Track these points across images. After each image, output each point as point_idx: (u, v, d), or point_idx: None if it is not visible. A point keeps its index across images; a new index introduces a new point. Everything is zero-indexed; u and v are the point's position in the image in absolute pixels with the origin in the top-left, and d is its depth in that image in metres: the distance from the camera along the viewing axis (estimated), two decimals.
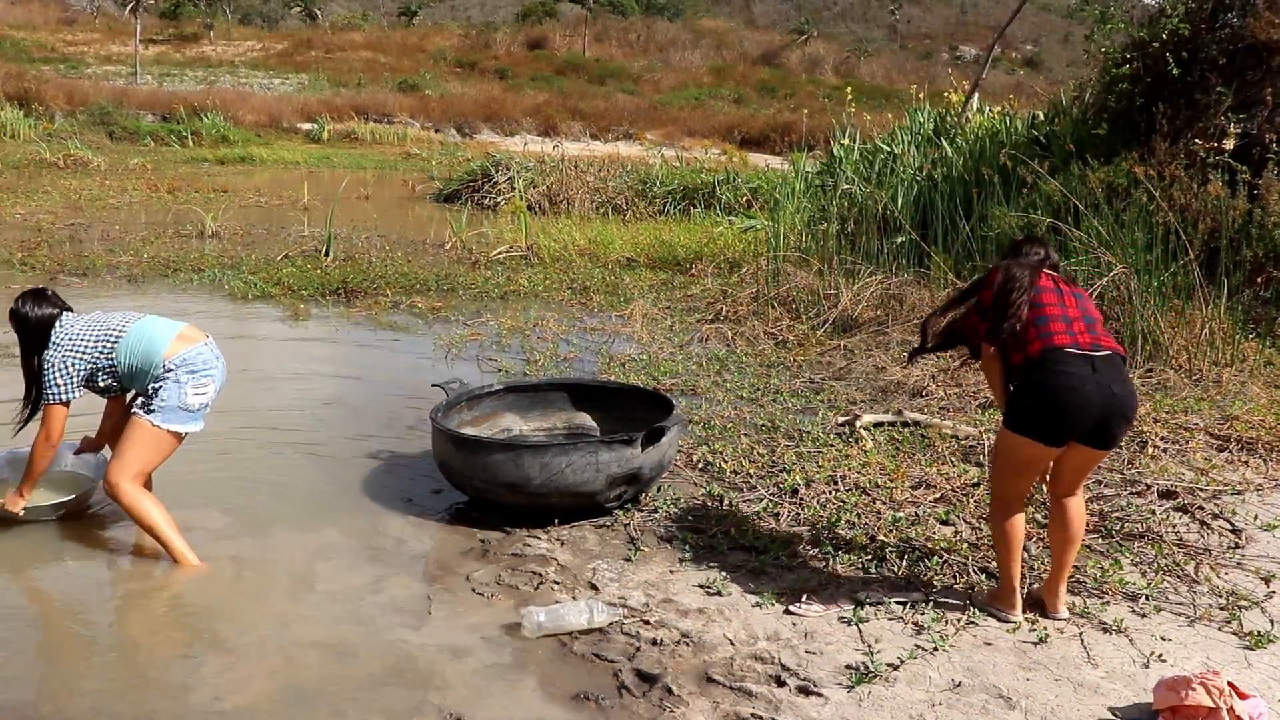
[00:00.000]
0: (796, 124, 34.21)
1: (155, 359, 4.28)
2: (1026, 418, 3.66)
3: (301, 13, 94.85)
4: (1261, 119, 9.17)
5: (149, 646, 3.78)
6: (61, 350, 4.23)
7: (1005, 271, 3.84)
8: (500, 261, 12.51)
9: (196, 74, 55.04)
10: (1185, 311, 7.69)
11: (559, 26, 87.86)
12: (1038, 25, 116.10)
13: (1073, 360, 3.59)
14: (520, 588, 4.16)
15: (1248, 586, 4.20)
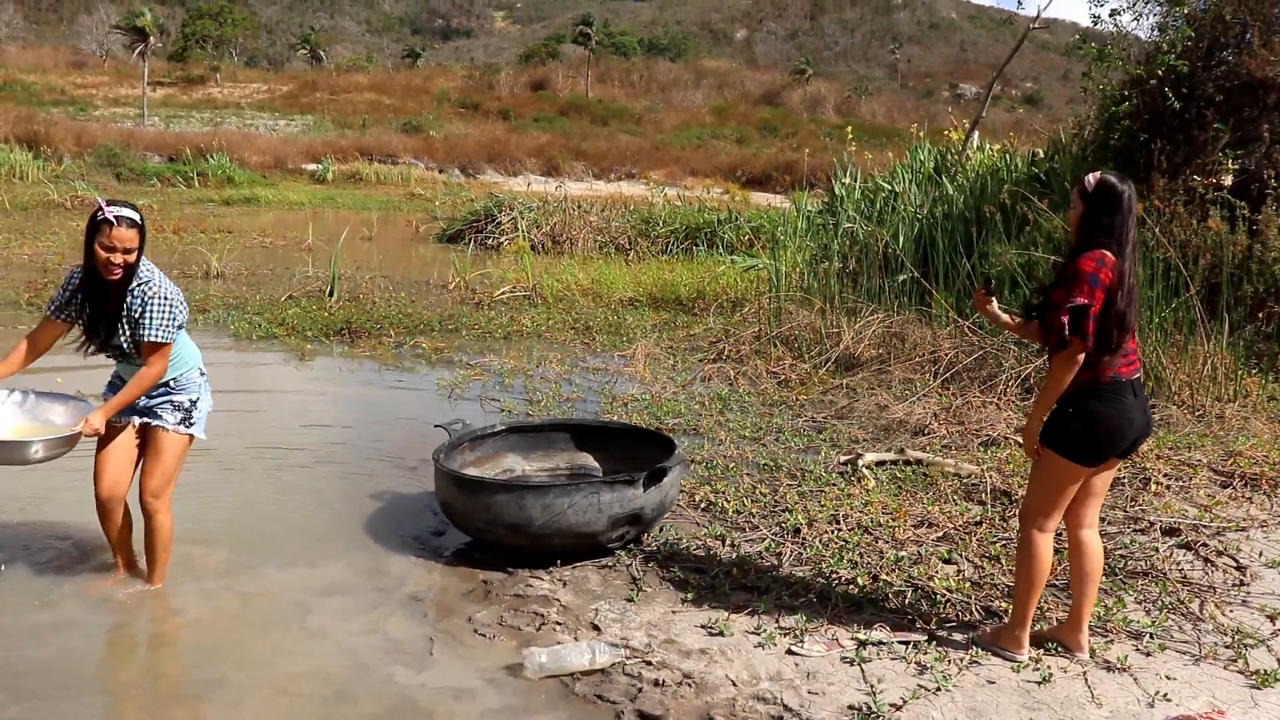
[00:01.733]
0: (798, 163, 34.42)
1: (196, 355, 4.47)
2: (1086, 445, 3.59)
3: (307, 55, 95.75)
4: (1259, 155, 9.23)
5: (148, 684, 3.76)
6: (172, 294, 4.18)
7: (1123, 275, 3.51)
8: (503, 302, 12.56)
9: (203, 116, 55.61)
10: (1187, 347, 7.70)
11: (561, 68, 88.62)
12: (1037, 63, 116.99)
13: (1127, 390, 3.60)
14: (522, 629, 4.15)
15: (1253, 624, 4.18)
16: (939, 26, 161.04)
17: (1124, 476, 5.90)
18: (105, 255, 3.94)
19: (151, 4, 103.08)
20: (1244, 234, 8.75)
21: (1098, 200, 3.57)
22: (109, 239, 3.94)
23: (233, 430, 7.00)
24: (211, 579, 4.55)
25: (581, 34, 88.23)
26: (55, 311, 4.13)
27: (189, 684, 3.75)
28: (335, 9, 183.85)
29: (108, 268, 3.97)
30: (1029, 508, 3.77)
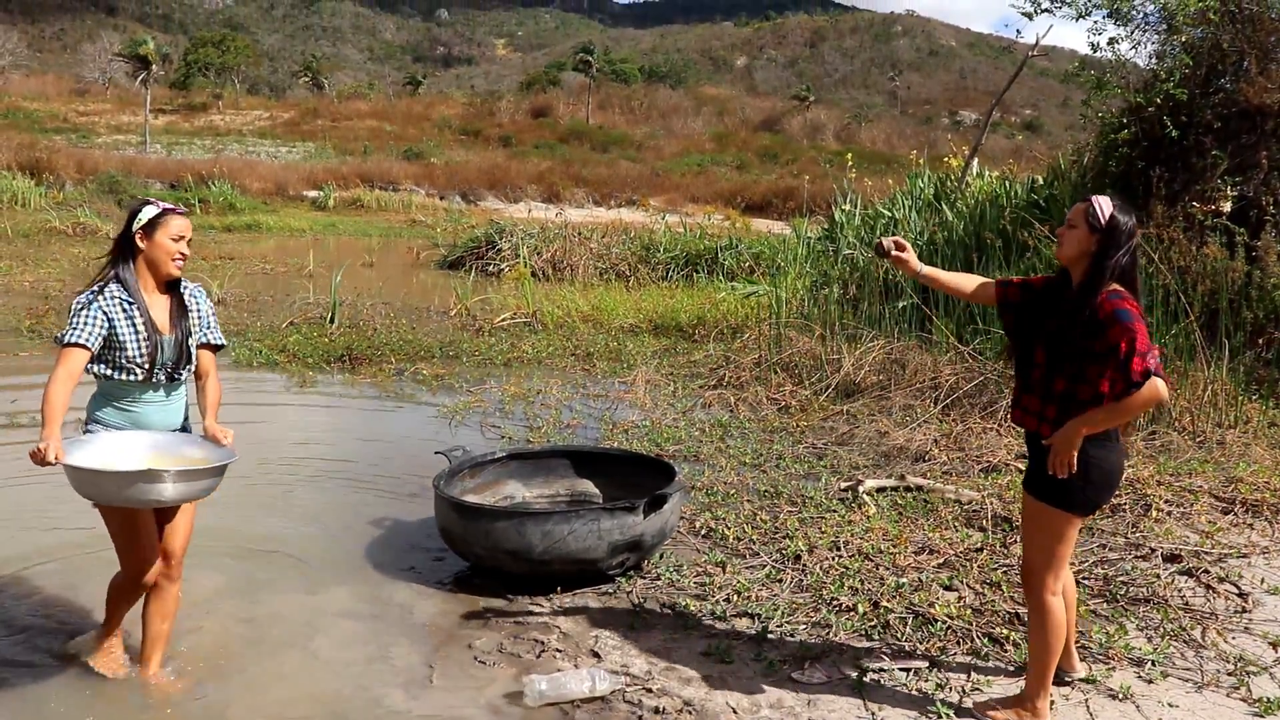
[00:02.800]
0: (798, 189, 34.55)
1: None
2: (1088, 494, 3.43)
3: (308, 82, 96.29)
4: (1257, 182, 9.27)
5: (149, 708, 3.75)
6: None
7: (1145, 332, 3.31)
8: (504, 328, 12.58)
9: (204, 143, 55.87)
10: (1187, 373, 7.70)
11: (562, 95, 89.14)
12: (1036, 90, 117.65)
13: (1115, 433, 3.47)
14: (522, 656, 4.14)
15: (1256, 651, 4.17)
16: (938, 54, 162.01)
17: (1125, 503, 5.89)
18: (174, 247, 3.62)
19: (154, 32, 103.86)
20: (1243, 260, 8.77)
21: (1110, 237, 3.39)
22: (175, 228, 3.64)
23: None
24: (210, 604, 4.55)
25: (582, 61, 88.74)
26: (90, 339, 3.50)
27: (188, 708, 3.72)
28: (337, 37, 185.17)
29: (176, 261, 3.65)
30: (1035, 571, 3.54)
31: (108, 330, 3.52)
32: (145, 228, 3.63)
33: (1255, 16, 9.70)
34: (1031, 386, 3.55)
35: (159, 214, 3.63)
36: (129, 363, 3.56)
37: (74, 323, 3.50)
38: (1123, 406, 3.26)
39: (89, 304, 3.54)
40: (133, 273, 3.64)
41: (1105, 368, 3.27)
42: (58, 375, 3.43)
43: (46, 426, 3.29)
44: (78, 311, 3.52)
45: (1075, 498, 3.42)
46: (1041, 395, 3.50)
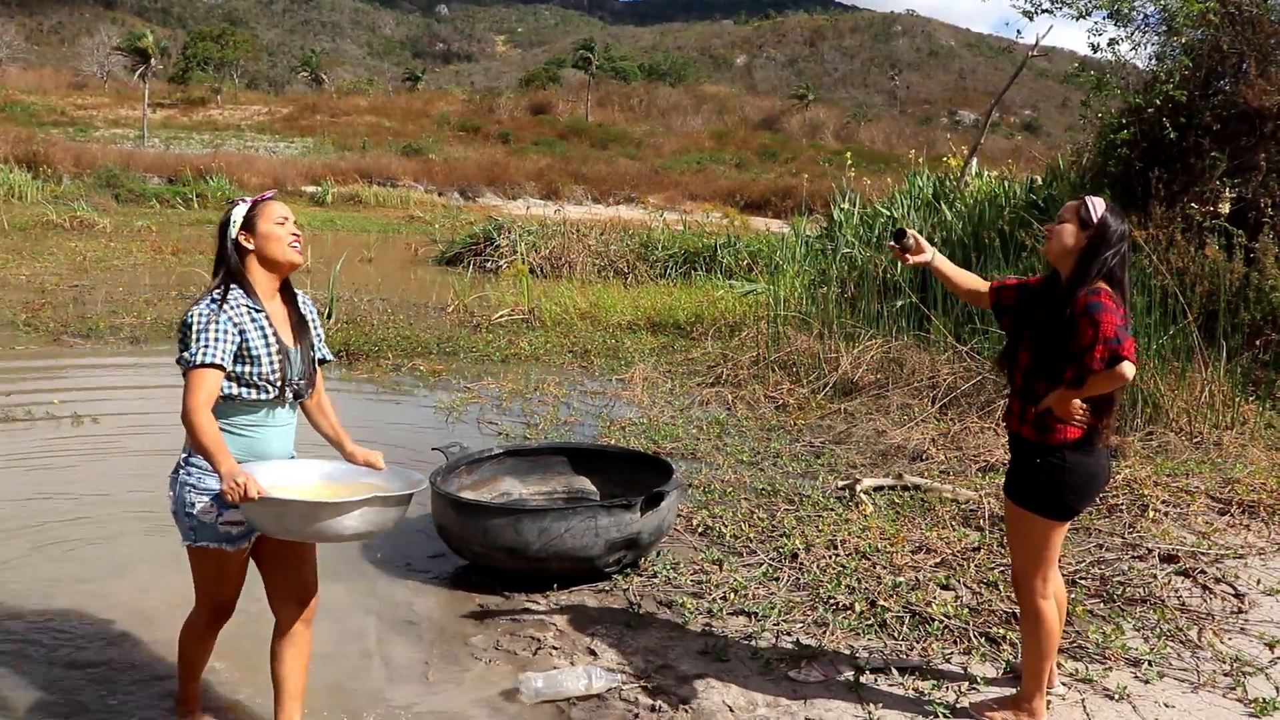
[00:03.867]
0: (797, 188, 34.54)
1: None
2: (1071, 501, 3.42)
3: (308, 77, 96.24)
4: (1255, 183, 9.26)
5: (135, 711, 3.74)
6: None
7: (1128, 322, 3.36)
8: (502, 325, 12.57)
9: (203, 137, 55.81)
10: (1185, 374, 7.70)
11: (561, 92, 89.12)
12: (1035, 91, 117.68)
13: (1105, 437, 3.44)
14: (519, 653, 4.14)
15: (1252, 652, 4.17)
16: (938, 54, 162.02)
17: (1122, 503, 5.89)
18: (284, 230, 3.22)
19: (153, 26, 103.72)
20: (1241, 262, 8.77)
21: (1101, 235, 3.38)
22: (275, 212, 3.25)
23: None
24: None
25: (582, 58, 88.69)
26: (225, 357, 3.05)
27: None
28: (336, 32, 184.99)
29: (293, 245, 3.26)
30: (1024, 575, 3.53)
31: (238, 343, 3.09)
32: (245, 225, 3.23)
33: (1255, 19, 9.70)
34: (1015, 388, 3.55)
35: (252, 206, 3.27)
36: (261, 379, 3.14)
37: (202, 339, 3.02)
38: (1086, 385, 3.28)
39: (215, 316, 3.07)
40: (247, 278, 3.23)
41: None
42: (198, 404, 2.97)
43: (222, 460, 2.90)
44: (204, 326, 3.04)
45: (1053, 503, 3.41)
46: (1022, 397, 3.49)
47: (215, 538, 3.14)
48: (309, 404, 3.45)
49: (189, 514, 3.14)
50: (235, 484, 2.85)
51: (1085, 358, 3.24)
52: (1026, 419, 3.46)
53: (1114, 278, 3.38)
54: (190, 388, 2.99)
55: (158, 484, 6.11)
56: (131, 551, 5.12)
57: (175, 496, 3.19)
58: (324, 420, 3.51)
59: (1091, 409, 3.36)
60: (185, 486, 3.14)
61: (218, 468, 2.91)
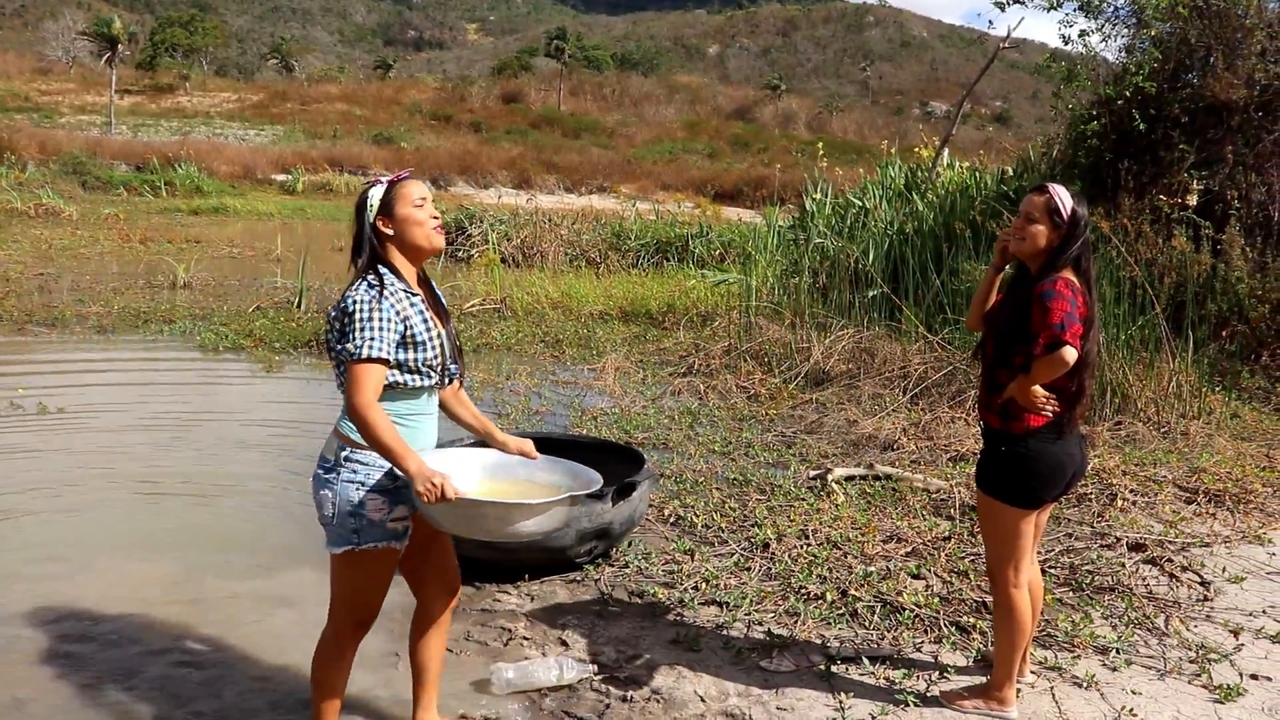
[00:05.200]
0: (769, 178, 34.58)
1: None
2: (1037, 489, 3.43)
3: (278, 65, 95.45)
4: (1222, 176, 9.36)
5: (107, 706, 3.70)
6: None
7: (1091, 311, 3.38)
8: (473, 314, 12.52)
9: (171, 124, 55.26)
10: (1153, 364, 7.77)
11: (534, 80, 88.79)
12: (1006, 82, 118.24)
13: (1064, 426, 3.44)
14: (489, 644, 4.12)
15: (1217, 639, 4.21)
16: (910, 45, 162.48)
17: (1091, 493, 5.94)
18: (424, 214, 3.00)
19: (120, 10, 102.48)
20: (1208, 253, 8.86)
21: (1072, 230, 3.39)
22: (413, 193, 3.02)
23: (198, 443, 6.94)
24: (171, 589, 4.50)
25: (555, 47, 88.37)
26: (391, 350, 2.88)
27: (147, 680, 3.68)
28: (307, 19, 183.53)
29: (436, 230, 3.05)
30: (997, 564, 3.54)
31: (402, 331, 2.90)
32: (382, 210, 3.00)
33: (1222, 12, 9.79)
34: (984, 378, 3.57)
35: (387, 189, 3.02)
36: (424, 366, 2.95)
37: (367, 331, 2.82)
38: (1033, 370, 3.31)
39: (377, 304, 2.86)
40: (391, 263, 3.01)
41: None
42: (368, 400, 2.79)
43: (408, 459, 2.75)
44: (368, 316, 2.84)
45: (1020, 491, 3.43)
46: (988, 386, 3.51)
47: (384, 536, 2.95)
48: (447, 393, 3.25)
49: (356, 514, 2.91)
50: (432, 485, 2.70)
51: (1032, 343, 3.30)
52: (993, 408, 3.47)
53: (1079, 266, 3.41)
54: (357, 382, 2.80)
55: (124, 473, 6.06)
56: (97, 541, 5.08)
57: (334, 498, 2.93)
58: (464, 410, 3.32)
59: (1060, 398, 3.37)
60: (350, 486, 2.92)
61: (405, 467, 2.75)
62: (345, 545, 2.94)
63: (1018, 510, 3.46)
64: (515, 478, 3.21)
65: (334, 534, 2.96)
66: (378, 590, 3.05)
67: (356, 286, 2.91)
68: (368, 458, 2.92)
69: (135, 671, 3.82)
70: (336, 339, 2.90)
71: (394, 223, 2.98)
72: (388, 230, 2.99)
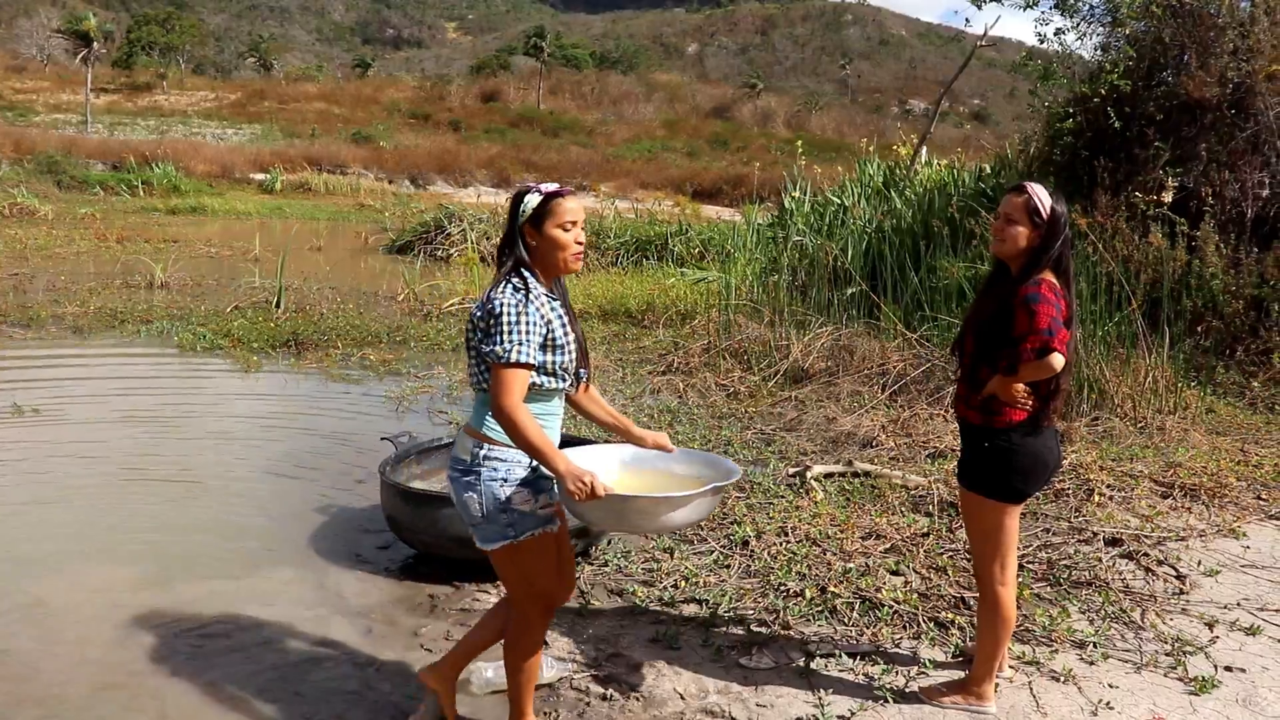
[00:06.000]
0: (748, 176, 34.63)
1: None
2: (1019, 484, 3.44)
3: (256, 63, 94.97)
4: (1197, 173, 9.42)
5: (87, 706, 3.68)
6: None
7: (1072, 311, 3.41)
8: (453, 313, 12.49)
9: (148, 123, 54.95)
10: (1130, 360, 7.82)
11: (513, 79, 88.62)
12: (984, 80, 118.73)
13: (1048, 421, 3.47)
14: None
15: (1192, 632, 4.25)
16: (888, 43, 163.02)
17: (1068, 488, 5.97)
18: (568, 237, 3.02)
19: (95, 8, 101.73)
20: (1183, 250, 8.92)
21: (1052, 229, 3.41)
22: (565, 213, 3.03)
23: (176, 443, 6.91)
24: (151, 591, 4.48)
25: (534, 46, 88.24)
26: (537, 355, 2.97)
27: (130, 701, 3.66)
28: (285, 17, 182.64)
29: (576, 256, 3.08)
30: (983, 561, 3.55)
31: (544, 334, 2.99)
32: (531, 220, 3.04)
33: (1195, 12, 9.86)
34: (963, 374, 3.58)
35: (542, 201, 3.04)
36: (561, 369, 3.03)
37: (515, 334, 2.90)
38: (1019, 372, 3.33)
39: (524, 308, 2.94)
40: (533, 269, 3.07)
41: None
42: (516, 403, 2.89)
43: (557, 459, 2.86)
44: (515, 319, 2.92)
45: (1002, 486, 3.45)
46: (969, 383, 3.53)
47: (537, 524, 3.04)
48: (580, 394, 3.34)
49: (506, 510, 3.00)
50: (582, 483, 2.81)
51: (1019, 346, 3.31)
52: (973, 404, 3.49)
53: (1060, 265, 3.42)
54: (504, 385, 2.89)
55: (101, 475, 6.02)
56: (67, 540, 5.05)
57: (480, 498, 3.02)
58: (599, 408, 3.39)
59: (1037, 393, 3.40)
60: (494, 483, 3.01)
61: (555, 467, 2.86)
62: (502, 540, 3.03)
63: (1002, 505, 3.47)
64: (654, 470, 3.31)
65: (487, 532, 3.05)
66: (546, 573, 3.13)
67: (502, 289, 2.98)
68: (505, 454, 3.01)
69: (100, 673, 3.80)
70: (480, 339, 2.97)
71: (539, 236, 3.04)
72: (532, 241, 3.05)
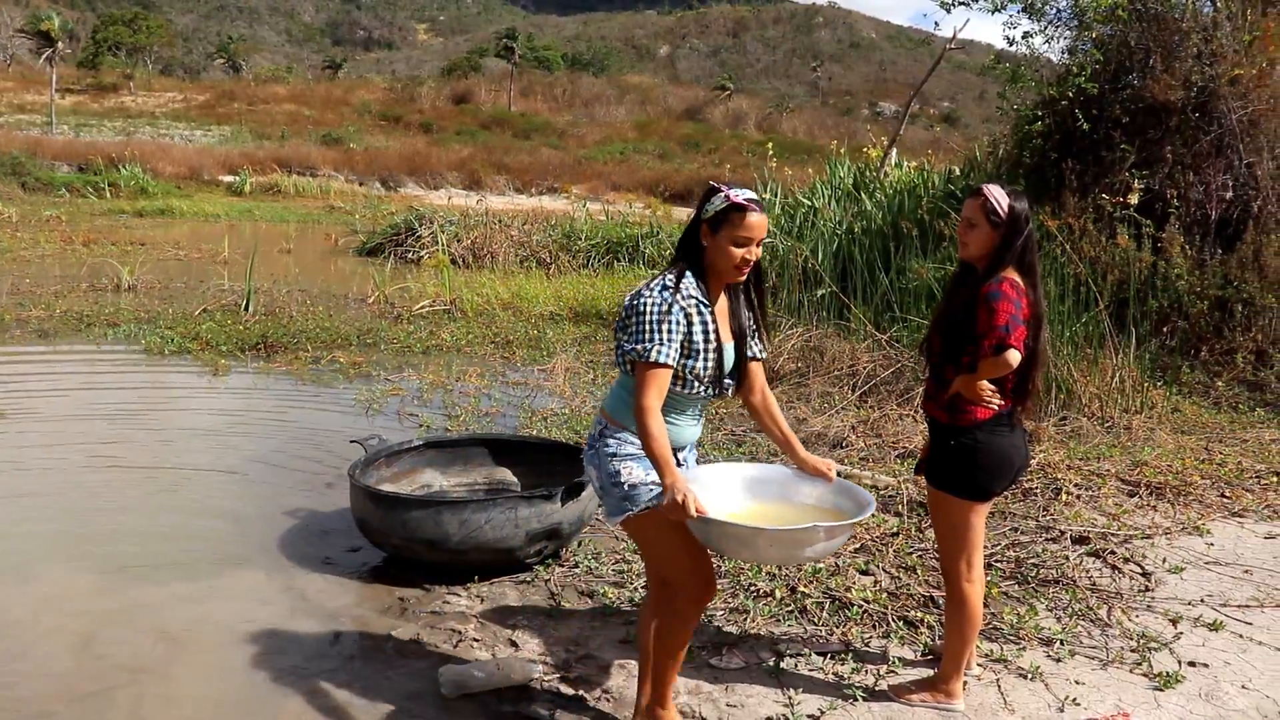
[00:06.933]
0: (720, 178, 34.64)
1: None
2: (985, 481, 3.47)
3: (224, 64, 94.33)
4: (1162, 175, 9.51)
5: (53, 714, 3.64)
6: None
7: (1036, 309, 3.45)
8: (423, 316, 12.45)
9: (115, 124, 54.47)
10: (1097, 360, 7.89)
11: (484, 81, 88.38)
12: (954, 83, 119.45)
13: (1006, 420, 3.49)
14: (439, 645, 4.10)
15: (1157, 628, 4.29)
16: (859, 46, 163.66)
17: (1036, 487, 6.02)
18: (738, 252, 3.00)
19: (59, 8, 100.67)
20: (1149, 251, 9.01)
21: (1012, 227, 3.44)
22: (746, 228, 2.98)
23: (143, 446, 6.85)
24: (121, 601, 4.44)
25: (505, 47, 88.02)
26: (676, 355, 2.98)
27: (90, 698, 3.62)
28: (254, 18, 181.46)
29: (741, 268, 3.04)
30: (950, 559, 3.59)
31: (683, 336, 3.00)
32: (710, 221, 3.02)
33: (1160, 16, 9.96)
34: (931, 373, 3.62)
35: (726, 208, 2.99)
36: (693, 374, 3.04)
37: (657, 334, 2.93)
38: (979, 369, 3.37)
39: (669, 307, 2.96)
40: (701, 267, 3.08)
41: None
42: (651, 405, 2.91)
43: (666, 472, 2.86)
44: (659, 318, 2.95)
45: (969, 484, 3.48)
46: (937, 382, 3.56)
47: (651, 497, 3.02)
48: (754, 402, 3.33)
49: (616, 483, 3.07)
50: (675, 502, 2.80)
51: (979, 343, 3.35)
52: (940, 403, 3.52)
53: (1024, 263, 3.45)
54: (643, 385, 2.93)
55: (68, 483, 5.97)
56: (24, 555, 5.00)
57: (598, 472, 3.13)
58: (770, 422, 3.36)
59: (1002, 392, 3.42)
60: (608, 458, 3.09)
61: (661, 478, 2.87)
62: (621, 514, 3.08)
63: (968, 503, 3.50)
64: (773, 496, 3.21)
65: (609, 506, 3.12)
66: (680, 550, 3.08)
67: (653, 285, 3.04)
68: (621, 433, 3.10)
69: (70, 683, 3.77)
70: (621, 329, 3.04)
71: (712, 240, 3.03)
72: (704, 242, 3.05)
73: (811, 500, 3.23)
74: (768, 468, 3.32)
